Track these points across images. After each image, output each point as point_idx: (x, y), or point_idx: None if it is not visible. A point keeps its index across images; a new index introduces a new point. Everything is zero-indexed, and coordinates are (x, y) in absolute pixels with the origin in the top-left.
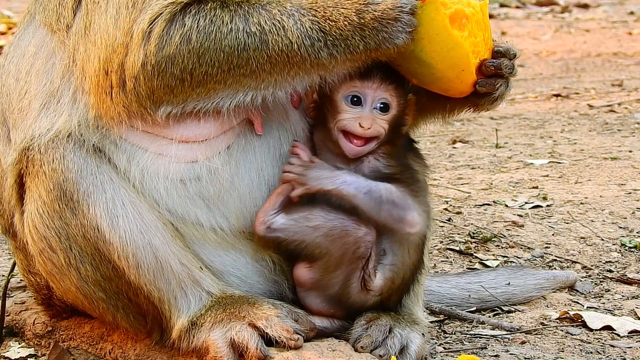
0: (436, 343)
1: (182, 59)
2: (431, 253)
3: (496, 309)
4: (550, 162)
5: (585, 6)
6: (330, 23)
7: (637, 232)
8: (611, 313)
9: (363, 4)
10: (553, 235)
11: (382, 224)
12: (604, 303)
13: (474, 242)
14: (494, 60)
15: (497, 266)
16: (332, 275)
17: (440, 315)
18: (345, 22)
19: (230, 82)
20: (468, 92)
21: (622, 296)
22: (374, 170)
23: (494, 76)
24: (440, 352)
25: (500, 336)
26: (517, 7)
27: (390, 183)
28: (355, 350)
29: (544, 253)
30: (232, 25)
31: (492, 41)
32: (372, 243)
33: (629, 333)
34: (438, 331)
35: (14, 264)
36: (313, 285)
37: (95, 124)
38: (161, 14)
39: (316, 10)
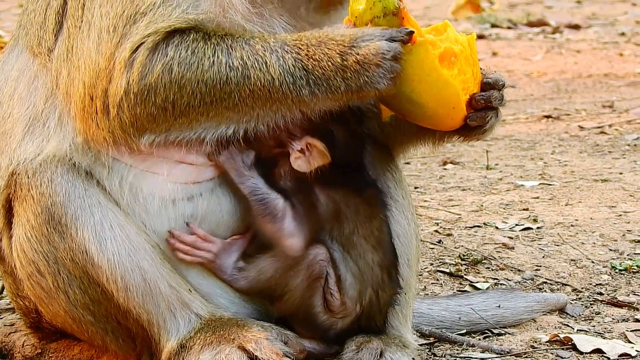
0: None
1: (163, 88)
2: (421, 275)
3: (486, 331)
4: (540, 183)
5: (576, 27)
6: (313, 62)
7: (627, 255)
8: (601, 336)
9: (347, 46)
10: (543, 257)
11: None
12: (594, 326)
13: (464, 264)
14: (484, 94)
15: (487, 288)
16: (300, 302)
17: (430, 338)
18: (329, 63)
19: (213, 115)
20: (459, 126)
21: (613, 319)
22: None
23: (484, 109)
24: None
25: (490, 359)
26: (509, 28)
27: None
28: None
29: (535, 275)
30: (215, 59)
31: (481, 71)
32: (325, 261)
33: (619, 356)
34: (428, 354)
35: (3, 287)
36: (290, 314)
37: (85, 147)
38: (143, 42)
39: (300, 48)
